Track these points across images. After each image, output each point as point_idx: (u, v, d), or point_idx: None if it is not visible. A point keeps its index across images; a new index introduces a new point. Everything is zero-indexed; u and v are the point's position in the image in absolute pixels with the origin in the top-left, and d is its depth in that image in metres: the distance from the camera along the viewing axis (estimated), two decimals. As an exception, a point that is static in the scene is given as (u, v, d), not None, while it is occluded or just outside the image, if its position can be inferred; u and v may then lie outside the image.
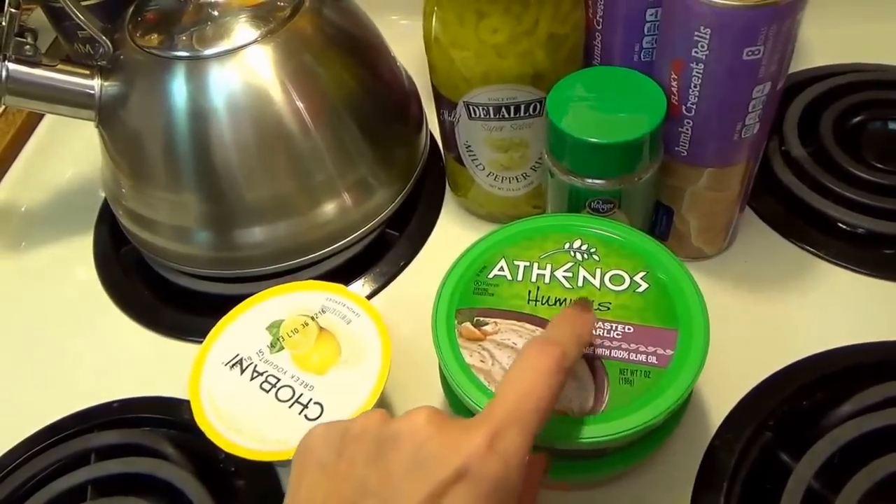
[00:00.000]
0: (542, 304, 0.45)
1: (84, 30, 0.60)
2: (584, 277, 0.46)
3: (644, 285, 0.45)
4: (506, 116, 0.55)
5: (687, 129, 0.49)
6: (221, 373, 0.48)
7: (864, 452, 0.46)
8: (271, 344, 0.49)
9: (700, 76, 0.46)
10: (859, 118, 0.68)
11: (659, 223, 0.57)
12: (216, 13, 0.58)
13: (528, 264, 0.47)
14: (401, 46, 0.69)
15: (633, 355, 0.42)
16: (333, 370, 0.48)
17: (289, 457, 0.44)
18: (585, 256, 0.47)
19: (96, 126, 0.62)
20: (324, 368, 0.48)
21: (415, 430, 0.34)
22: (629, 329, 0.43)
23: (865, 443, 0.46)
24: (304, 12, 0.59)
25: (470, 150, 0.59)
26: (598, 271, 0.46)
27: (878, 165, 0.64)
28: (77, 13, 0.57)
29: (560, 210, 0.53)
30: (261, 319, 0.51)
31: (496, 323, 0.45)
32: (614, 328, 0.44)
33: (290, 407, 0.46)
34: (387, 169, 0.64)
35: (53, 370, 0.61)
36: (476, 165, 0.60)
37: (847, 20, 0.75)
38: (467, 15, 0.51)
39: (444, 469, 0.32)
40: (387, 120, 0.65)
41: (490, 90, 0.53)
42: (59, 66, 0.59)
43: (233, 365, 0.49)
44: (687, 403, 0.47)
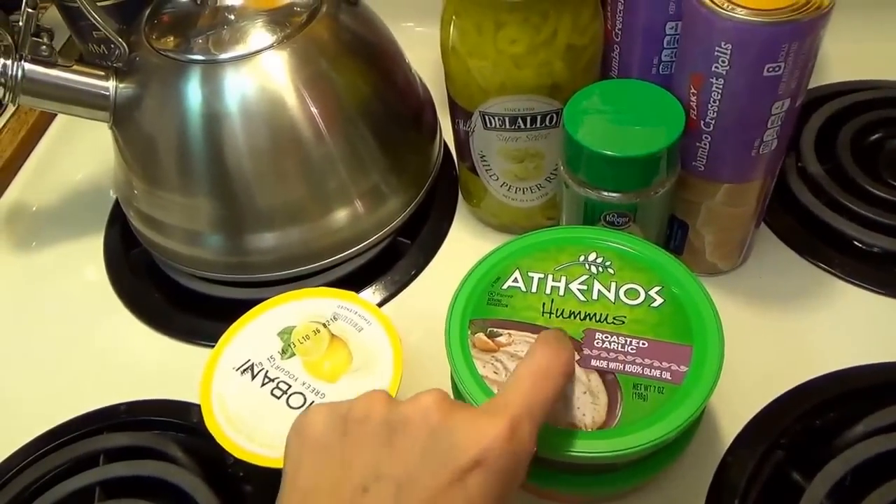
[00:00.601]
0: (557, 317, 0.45)
1: (99, 30, 0.60)
2: (599, 290, 0.46)
3: (659, 300, 0.45)
4: (522, 127, 0.55)
5: (705, 144, 0.49)
6: (232, 377, 0.48)
7: (877, 474, 0.46)
8: (282, 350, 0.49)
9: (720, 91, 0.46)
10: (877, 135, 0.67)
11: (673, 237, 0.57)
12: (233, 17, 0.58)
13: (543, 276, 0.47)
14: (414, 54, 0.69)
15: (648, 370, 0.42)
16: (345, 378, 0.48)
17: None
18: (600, 269, 0.47)
19: (110, 127, 0.62)
20: (335, 376, 0.48)
21: (426, 415, 0.34)
22: (643, 344, 0.43)
23: (878, 464, 0.46)
24: (321, 18, 0.59)
25: (484, 160, 0.59)
26: (613, 285, 0.46)
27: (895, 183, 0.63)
28: (94, 14, 0.57)
29: (574, 222, 0.53)
30: (272, 325, 0.51)
31: (510, 334, 0.45)
32: (629, 342, 0.43)
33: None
34: (400, 177, 0.64)
35: (61, 371, 0.61)
36: (490, 175, 0.60)
37: (866, 36, 0.75)
38: (486, 24, 0.51)
39: (463, 456, 0.33)
40: (401, 128, 0.65)
41: (506, 100, 0.53)
42: (75, 67, 0.59)
43: (244, 370, 0.48)
44: (700, 420, 0.47)
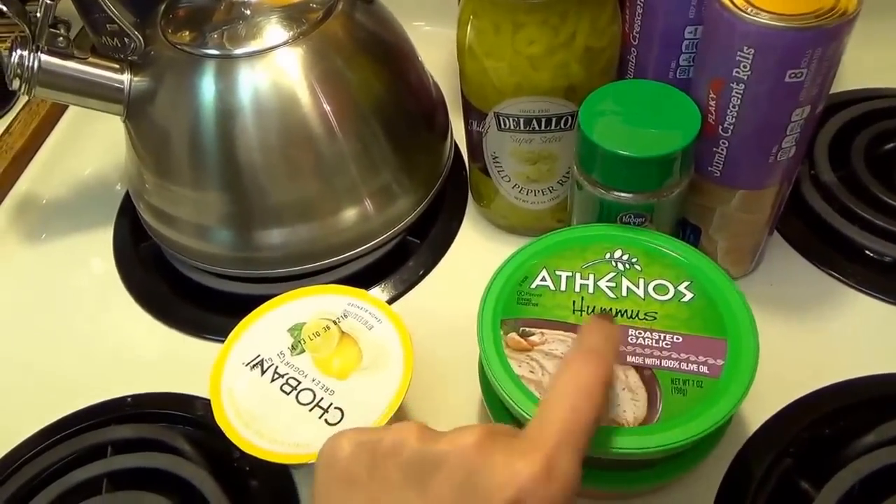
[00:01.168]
0: (588, 314, 0.45)
1: (113, 23, 0.59)
2: (628, 287, 0.46)
3: (689, 295, 0.45)
4: (536, 129, 0.54)
5: (722, 150, 0.49)
6: (242, 372, 0.48)
7: (887, 485, 0.45)
8: (292, 346, 0.49)
9: (740, 96, 0.45)
10: (892, 144, 0.67)
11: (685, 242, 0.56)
12: (248, 12, 0.58)
13: (571, 274, 0.47)
14: (425, 54, 0.69)
15: (685, 365, 0.42)
16: (354, 375, 0.47)
17: (307, 460, 0.44)
18: (627, 266, 0.47)
19: (123, 121, 0.62)
20: (345, 373, 0.47)
21: (465, 456, 0.32)
22: (678, 339, 0.43)
23: (888, 475, 0.46)
24: (337, 15, 0.59)
25: (497, 161, 0.59)
26: (642, 281, 0.46)
27: (909, 193, 0.63)
28: (111, 7, 0.57)
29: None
30: (282, 321, 0.50)
31: (542, 333, 0.45)
32: (662, 338, 0.44)
33: (311, 410, 0.46)
34: (410, 176, 0.63)
35: (69, 363, 0.61)
36: (502, 177, 0.60)
37: (881, 45, 0.74)
38: (504, 25, 0.50)
39: (499, 498, 0.31)
40: (413, 127, 0.65)
41: (522, 101, 0.53)
42: (91, 60, 0.59)
43: (254, 365, 0.48)
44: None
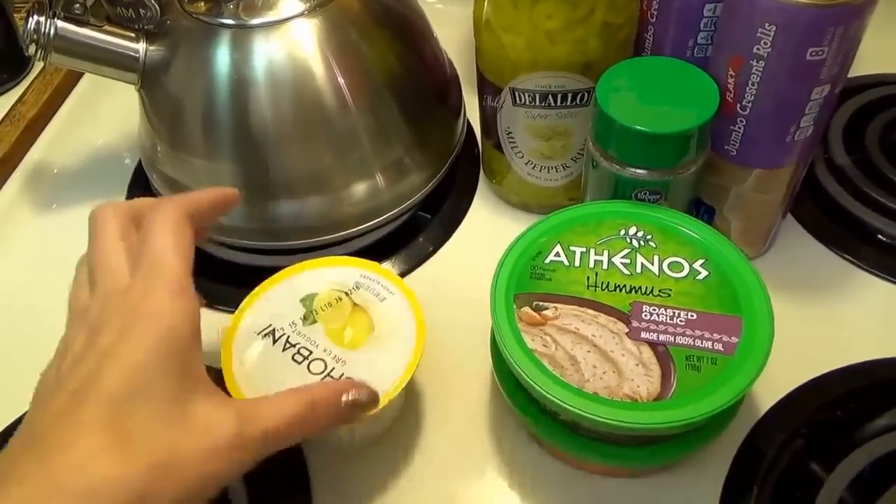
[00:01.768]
0: (603, 290, 0.45)
1: (131, -8, 0.59)
2: (643, 264, 0.46)
3: (704, 272, 0.45)
4: (552, 104, 0.54)
5: (739, 128, 0.48)
6: (254, 342, 0.48)
7: (898, 467, 0.45)
8: (304, 316, 0.49)
9: (759, 74, 0.45)
10: (908, 129, 0.66)
11: (699, 221, 0.56)
12: (264, -18, 0.57)
13: (585, 250, 0.47)
14: (440, 32, 0.68)
15: (699, 342, 0.42)
16: (365, 347, 0.47)
17: None
18: (642, 243, 0.47)
19: (138, 90, 0.61)
20: (356, 344, 0.47)
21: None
22: (692, 316, 0.43)
23: (900, 458, 0.46)
24: (353, -12, 0.58)
25: (510, 137, 0.58)
26: (656, 258, 0.46)
27: (923, 178, 0.63)
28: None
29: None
30: (294, 291, 0.50)
31: (556, 308, 0.44)
32: (677, 315, 0.43)
33: (322, 380, 0.46)
34: (423, 151, 0.63)
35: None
36: (515, 153, 0.59)
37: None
38: (522, -1, 0.50)
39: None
40: (427, 102, 0.64)
41: (538, 77, 0.53)
42: (106, 27, 0.58)
43: (266, 334, 0.48)
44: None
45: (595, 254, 0.47)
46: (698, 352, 0.42)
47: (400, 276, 0.60)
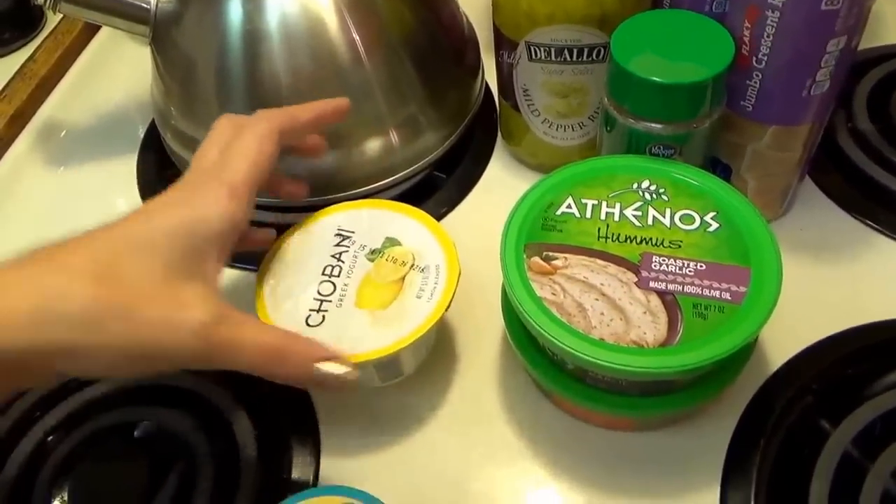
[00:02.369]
0: (613, 241, 0.47)
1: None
2: (654, 216, 0.48)
3: (715, 225, 0.47)
4: (568, 60, 0.55)
5: (755, 83, 0.49)
6: (327, 234, 0.52)
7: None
8: (373, 250, 0.51)
9: (774, 25, 0.46)
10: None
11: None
12: (279, -66, 0.59)
13: (597, 202, 0.49)
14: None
15: (707, 291, 0.44)
16: (372, 312, 0.48)
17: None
18: (654, 196, 0.48)
19: (149, 43, 0.63)
20: (368, 303, 0.48)
21: None
22: (701, 266, 0.45)
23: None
24: (369, -60, 0.60)
25: (527, 95, 0.60)
26: (668, 211, 0.48)
27: (947, 145, 0.64)
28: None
29: (617, 157, 0.54)
30: (384, 225, 0.53)
31: (566, 258, 0.46)
32: (686, 265, 0.45)
33: (315, 301, 0.49)
34: (438, 110, 0.65)
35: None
36: (532, 111, 0.61)
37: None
38: (539, -50, 0.51)
39: None
40: (442, 61, 0.66)
41: (554, 30, 0.54)
42: (118, -23, 0.60)
43: (339, 235, 0.52)
44: (754, 346, 0.49)
45: (607, 206, 0.48)
46: (706, 300, 0.43)
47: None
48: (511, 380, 0.54)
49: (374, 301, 0.49)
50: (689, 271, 0.45)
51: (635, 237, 0.47)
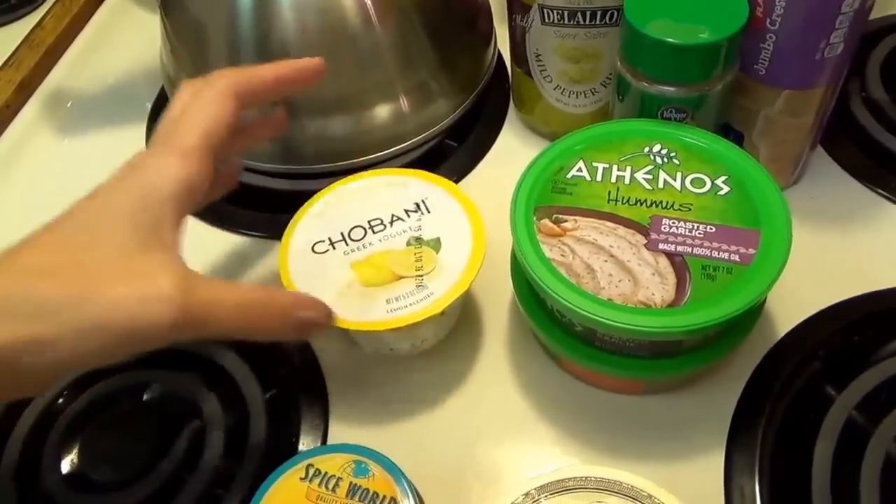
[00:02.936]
0: (623, 204, 0.48)
1: None
2: (665, 180, 0.49)
3: (725, 188, 0.48)
4: (581, 22, 0.56)
5: (769, 45, 0.50)
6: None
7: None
8: (415, 239, 0.52)
9: (788, -15, 0.47)
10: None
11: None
12: None
13: (607, 166, 0.50)
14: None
15: (716, 253, 0.45)
16: (375, 289, 0.50)
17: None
18: (665, 160, 0.49)
19: (159, 7, 0.64)
20: (369, 280, 0.50)
21: None
22: (711, 229, 0.46)
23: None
24: None
25: (539, 61, 0.61)
26: (679, 174, 0.49)
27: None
28: None
29: (629, 124, 0.55)
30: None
31: (576, 220, 0.47)
32: (696, 227, 0.46)
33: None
34: (449, 77, 0.65)
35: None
36: (544, 77, 0.62)
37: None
38: (551, -89, 0.52)
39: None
40: (454, 27, 0.66)
41: (567, -8, 0.55)
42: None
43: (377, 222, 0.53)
44: (762, 308, 0.50)
45: (617, 170, 0.49)
46: (714, 262, 0.44)
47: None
48: (519, 345, 0.55)
49: (368, 276, 0.50)
50: (699, 233, 0.46)
51: (645, 200, 0.48)
